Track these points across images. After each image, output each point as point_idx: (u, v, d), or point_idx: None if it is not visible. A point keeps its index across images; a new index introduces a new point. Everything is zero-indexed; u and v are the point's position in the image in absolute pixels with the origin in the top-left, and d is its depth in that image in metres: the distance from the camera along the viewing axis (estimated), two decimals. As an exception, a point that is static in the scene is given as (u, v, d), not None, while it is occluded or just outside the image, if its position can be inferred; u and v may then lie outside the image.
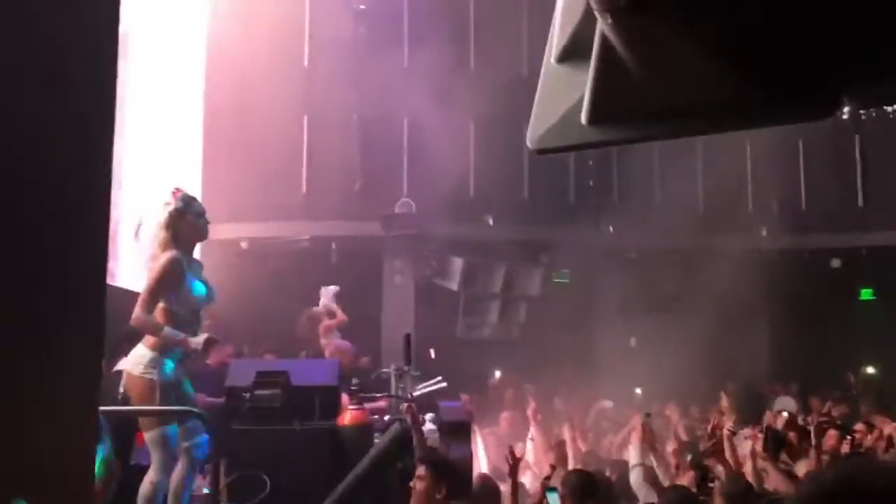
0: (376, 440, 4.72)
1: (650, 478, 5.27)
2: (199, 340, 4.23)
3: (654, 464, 5.42)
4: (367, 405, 5.25)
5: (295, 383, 4.67)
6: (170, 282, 4.22)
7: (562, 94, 1.62)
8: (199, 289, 4.38)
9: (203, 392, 5.17)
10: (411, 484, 4.02)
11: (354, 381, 5.05)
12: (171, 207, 4.41)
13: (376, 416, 5.37)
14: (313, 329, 8.44)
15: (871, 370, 13.60)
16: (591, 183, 13.11)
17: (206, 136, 11.71)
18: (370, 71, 12.11)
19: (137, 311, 4.19)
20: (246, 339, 9.75)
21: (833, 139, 13.10)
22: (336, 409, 4.73)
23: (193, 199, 4.60)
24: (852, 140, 13.23)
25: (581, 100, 1.55)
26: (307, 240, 11.89)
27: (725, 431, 5.45)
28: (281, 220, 11.98)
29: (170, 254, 4.24)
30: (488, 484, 5.24)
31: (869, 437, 7.32)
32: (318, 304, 8.95)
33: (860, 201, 13.35)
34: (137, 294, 4.30)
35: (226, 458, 4.48)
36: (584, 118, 1.54)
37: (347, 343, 8.12)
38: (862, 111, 11.68)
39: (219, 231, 11.33)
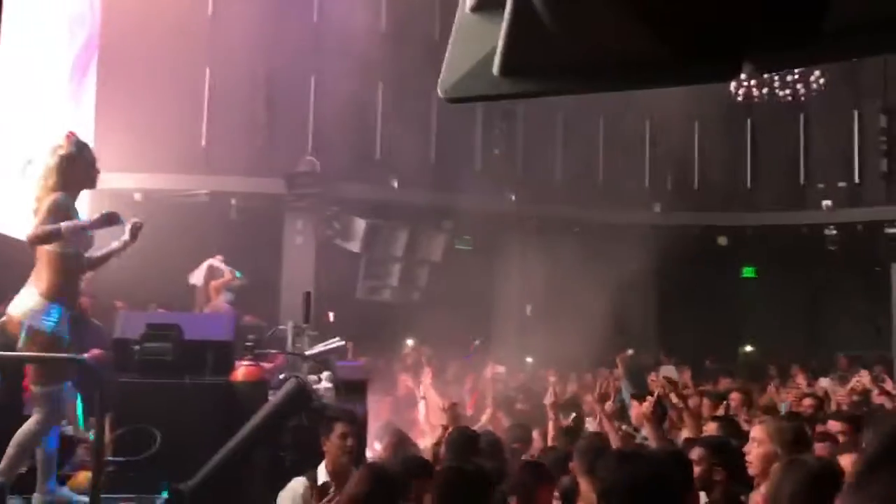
0: (271, 397, 4.66)
1: None
2: (99, 219, 4.10)
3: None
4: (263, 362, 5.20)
5: (187, 337, 4.55)
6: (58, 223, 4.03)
7: (475, 44, 1.61)
8: (87, 232, 4.21)
9: (80, 344, 5.00)
10: (327, 438, 4.03)
11: (250, 337, 4.96)
12: (63, 152, 4.20)
13: (272, 374, 5.30)
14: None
15: (749, 347, 14.35)
16: (497, 151, 13.23)
17: (101, 79, 11.15)
18: (278, 24, 11.80)
19: (30, 232, 3.98)
20: (136, 295, 9.42)
21: (726, 122, 13.65)
22: (229, 365, 4.64)
23: (86, 145, 4.41)
24: (744, 123, 13.83)
25: (494, 50, 1.54)
26: (205, 194, 11.55)
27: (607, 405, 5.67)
28: (178, 172, 11.58)
29: (56, 195, 4.04)
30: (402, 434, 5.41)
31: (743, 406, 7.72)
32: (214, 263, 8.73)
33: (748, 182, 14.00)
34: (15, 240, 4.10)
35: (112, 412, 4.33)
36: (496, 69, 1.54)
37: (226, 305, 8.02)
38: (755, 92, 12.17)
39: (111, 180, 10.83)
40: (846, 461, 3.50)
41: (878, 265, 13.43)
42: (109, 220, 4.20)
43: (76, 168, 4.23)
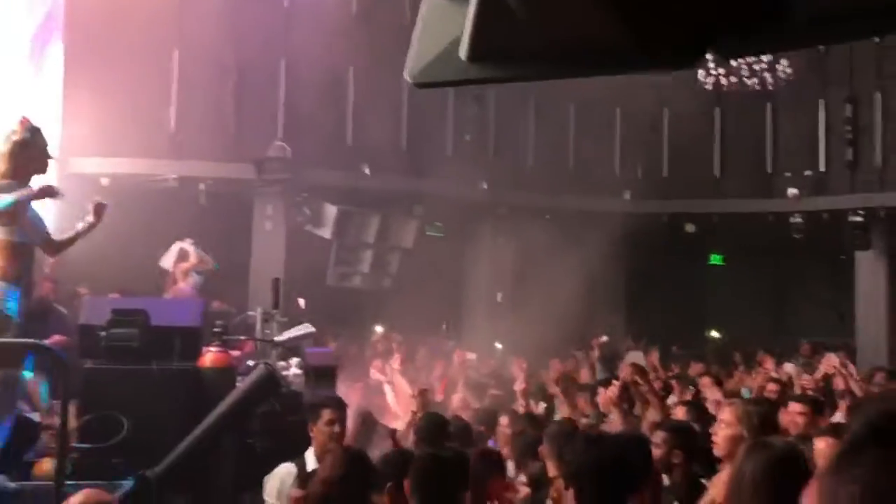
0: (239, 383, 4.64)
1: None
2: (36, 191, 4.07)
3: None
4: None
5: (154, 323, 4.51)
6: (11, 211, 3.99)
7: (443, 29, 1.61)
8: (42, 220, 4.17)
9: (44, 331, 4.95)
10: (314, 424, 4.05)
11: (218, 323, 4.92)
12: (17, 137, 4.14)
13: (241, 360, 5.28)
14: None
15: (715, 333, 14.54)
16: (468, 138, 13.22)
17: (68, 63, 10.96)
18: (248, 8, 11.67)
19: None
20: (103, 281, 9.30)
21: (695, 111, 13.76)
22: (197, 351, 4.60)
23: (39, 130, 4.36)
24: (713, 112, 13.96)
25: (462, 35, 1.54)
26: (174, 179, 11.41)
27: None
28: (146, 157, 11.43)
29: (4, 182, 3.99)
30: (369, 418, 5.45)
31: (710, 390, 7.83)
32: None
33: (716, 171, 14.15)
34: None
35: (78, 399, 4.29)
36: (463, 54, 1.54)
37: (189, 289, 7.96)
38: (723, 81, 12.29)
39: (78, 165, 10.80)
40: (818, 444, 3.58)
41: (842, 253, 13.66)
42: (46, 192, 4.16)
43: (29, 153, 4.19)
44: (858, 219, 12.74)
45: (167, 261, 8.54)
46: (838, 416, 5.93)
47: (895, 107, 12.85)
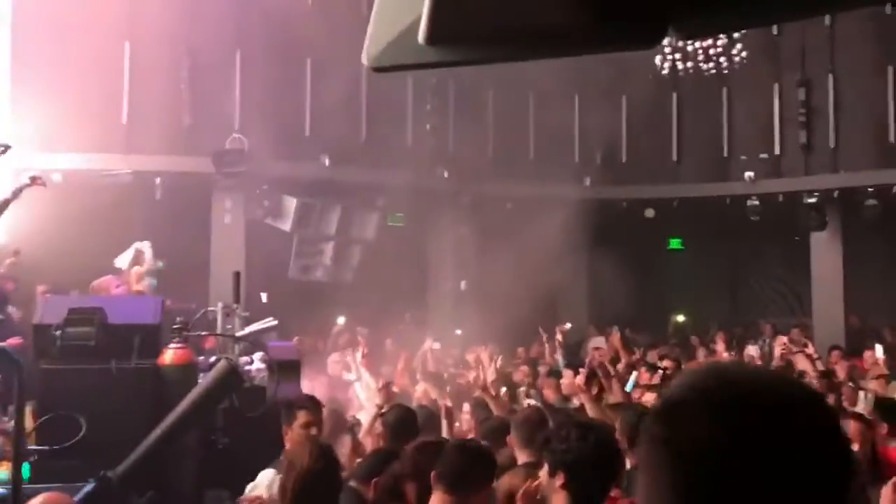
0: (201, 380, 4.56)
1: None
2: None
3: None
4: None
5: (112, 321, 4.41)
6: None
7: (400, 12, 1.58)
8: None
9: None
10: (289, 427, 4.00)
11: (178, 319, 4.83)
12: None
13: (201, 356, 5.19)
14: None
15: (680, 318, 14.70)
16: (428, 127, 13.17)
17: (15, 56, 10.68)
18: (201, -3, 11.47)
19: None
20: (59, 279, 9.11)
21: (652, 96, 13.87)
22: (157, 349, 4.51)
23: None
24: (670, 97, 14.09)
25: (419, 18, 1.51)
26: (128, 174, 11.19)
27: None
28: (99, 151, 11.20)
29: None
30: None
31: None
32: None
33: (674, 156, 14.29)
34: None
35: (35, 400, 4.18)
36: (421, 37, 1.51)
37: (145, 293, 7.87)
38: (679, 66, 12.40)
39: (29, 160, 10.51)
40: None
41: (798, 234, 13.90)
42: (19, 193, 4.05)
43: None
44: (813, 200, 12.97)
45: (122, 261, 8.38)
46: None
47: (847, 90, 13.09)
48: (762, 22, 1.56)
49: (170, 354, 4.49)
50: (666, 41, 1.41)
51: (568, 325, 12.34)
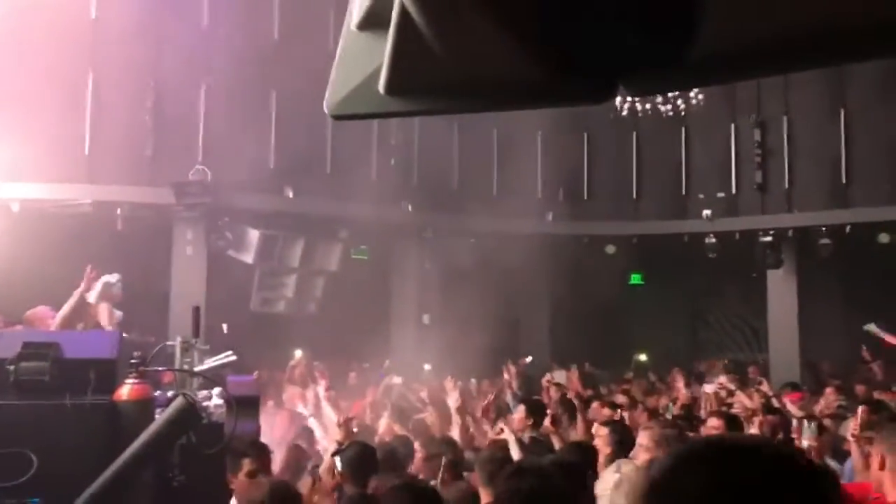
0: (158, 415, 4.49)
1: None
2: None
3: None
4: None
5: (68, 355, 4.33)
6: None
7: (361, 61, 1.62)
8: None
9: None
10: (234, 476, 3.95)
11: (136, 354, 4.76)
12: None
13: (158, 392, 5.11)
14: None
15: (642, 356, 14.81)
16: (393, 161, 13.25)
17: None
18: (165, 27, 11.47)
19: None
20: (16, 310, 8.92)
21: (613, 135, 14.15)
22: (113, 384, 4.43)
23: None
24: (630, 136, 14.37)
25: (380, 68, 1.56)
26: (89, 204, 11.06)
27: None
28: (59, 181, 11.05)
29: None
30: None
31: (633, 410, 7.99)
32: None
33: (634, 193, 14.54)
34: None
35: (-17, 437, 4.08)
36: (381, 87, 1.55)
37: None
38: (639, 107, 12.67)
39: (-14, 189, 10.36)
40: None
41: (754, 271, 14.17)
42: None
43: None
44: (769, 239, 13.26)
45: (93, 296, 8.23)
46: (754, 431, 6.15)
47: (801, 131, 13.47)
48: (711, 83, 1.63)
49: (126, 389, 4.41)
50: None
51: (529, 359, 12.41)
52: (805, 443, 5.67)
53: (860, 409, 5.61)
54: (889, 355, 10.25)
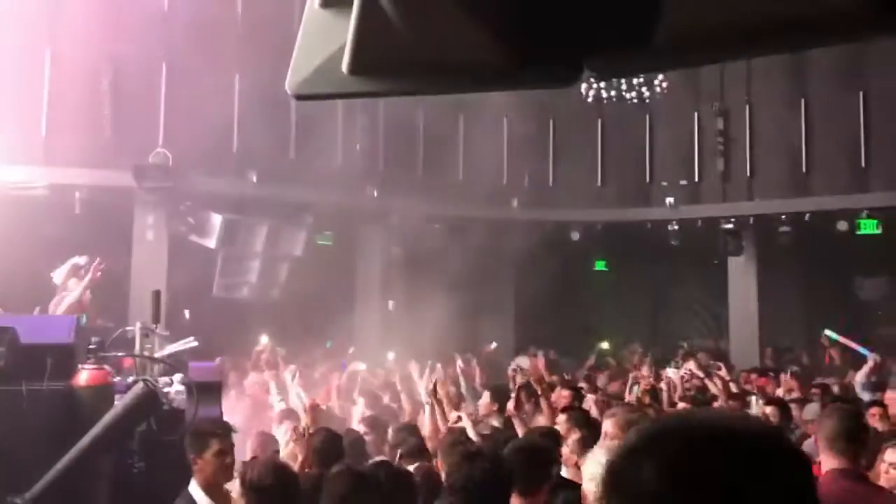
0: (118, 401, 4.43)
1: None
2: None
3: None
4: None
5: (24, 341, 4.25)
6: None
7: (324, 41, 1.59)
8: None
9: None
10: (199, 456, 3.91)
11: (94, 339, 4.68)
12: None
13: (118, 377, 5.04)
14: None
15: (604, 345, 14.93)
16: (359, 147, 13.16)
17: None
18: (126, 7, 11.23)
19: None
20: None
21: (579, 122, 14.20)
22: (71, 369, 4.36)
23: None
24: (595, 123, 14.44)
25: (343, 48, 1.53)
26: (45, 187, 10.83)
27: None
28: (15, 163, 10.79)
29: None
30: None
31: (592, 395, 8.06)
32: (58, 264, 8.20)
33: (599, 180, 14.64)
34: None
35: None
36: (344, 67, 1.52)
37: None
38: (604, 94, 12.73)
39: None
40: None
41: (715, 259, 14.37)
42: None
43: None
44: (730, 226, 13.44)
45: (58, 276, 8.07)
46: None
47: (763, 120, 13.65)
48: (675, 66, 1.63)
49: (84, 375, 4.35)
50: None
51: (493, 345, 12.47)
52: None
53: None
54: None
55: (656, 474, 1.00)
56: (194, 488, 3.88)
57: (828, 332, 9.61)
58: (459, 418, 5.55)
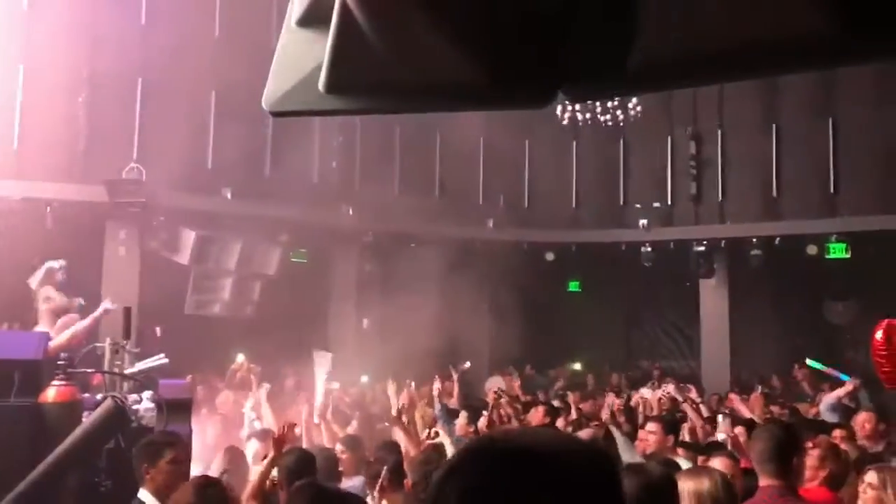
0: (86, 418, 4.37)
1: None
2: None
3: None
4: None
5: (-9, 356, 4.19)
6: None
7: (301, 59, 1.61)
8: None
9: None
10: (152, 465, 3.85)
11: (63, 355, 4.62)
12: None
13: (87, 394, 4.97)
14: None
15: (577, 366, 14.98)
16: (334, 164, 13.15)
17: None
18: (102, 21, 11.18)
19: None
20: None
21: (554, 144, 14.32)
22: (38, 385, 4.30)
23: None
24: (570, 146, 14.57)
25: (320, 65, 1.54)
26: (17, 201, 10.70)
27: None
28: (-14, 176, 10.67)
29: None
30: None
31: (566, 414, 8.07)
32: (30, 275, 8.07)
33: (573, 202, 14.75)
34: None
35: None
36: (321, 85, 1.54)
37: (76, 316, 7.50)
38: (579, 116, 12.86)
39: None
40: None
41: (687, 280, 14.50)
42: None
43: None
44: (702, 249, 13.59)
45: (34, 281, 7.95)
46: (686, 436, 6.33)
47: (734, 145, 13.86)
48: (649, 90, 1.66)
49: (52, 391, 4.29)
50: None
51: (467, 364, 12.43)
52: (720, 436, 5.89)
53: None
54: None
55: (459, 496, 1.01)
56: (144, 495, 3.83)
57: (809, 361, 9.72)
58: (437, 433, 5.53)
